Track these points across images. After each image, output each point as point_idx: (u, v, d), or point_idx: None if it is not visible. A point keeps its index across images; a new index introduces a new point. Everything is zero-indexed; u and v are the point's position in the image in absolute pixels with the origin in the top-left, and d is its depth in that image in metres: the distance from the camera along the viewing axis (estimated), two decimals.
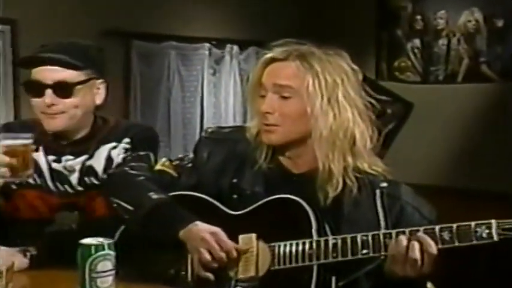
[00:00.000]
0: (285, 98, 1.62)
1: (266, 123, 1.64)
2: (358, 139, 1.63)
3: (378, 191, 1.64)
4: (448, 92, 4.65)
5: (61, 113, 1.94)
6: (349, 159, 1.63)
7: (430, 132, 4.67)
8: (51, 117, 1.94)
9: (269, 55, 1.67)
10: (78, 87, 1.93)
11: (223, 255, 1.56)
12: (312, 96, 1.60)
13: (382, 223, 1.60)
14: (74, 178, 1.98)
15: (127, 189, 1.74)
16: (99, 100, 2.02)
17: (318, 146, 1.62)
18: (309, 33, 1.72)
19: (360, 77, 1.67)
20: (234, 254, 1.57)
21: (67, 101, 1.93)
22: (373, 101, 1.67)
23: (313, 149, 1.64)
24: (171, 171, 1.78)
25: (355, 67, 1.67)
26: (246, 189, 1.69)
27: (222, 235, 1.58)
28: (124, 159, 1.98)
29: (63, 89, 1.91)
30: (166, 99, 4.66)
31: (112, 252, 1.38)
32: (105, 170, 1.98)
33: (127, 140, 2.02)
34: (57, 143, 2.00)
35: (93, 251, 1.36)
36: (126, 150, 2.01)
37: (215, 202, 1.69)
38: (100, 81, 2.02)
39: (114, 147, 2.01)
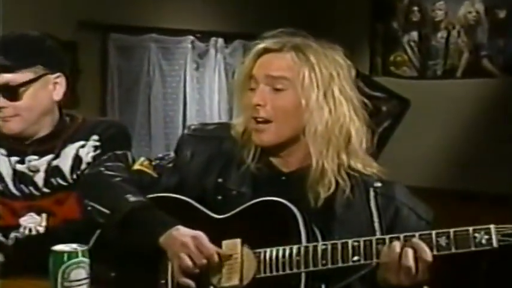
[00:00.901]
0: (277, 90, 1.63)
1: (257, 116, 1.63)
2: (353, 136, 1.64)
3: (371, 191, 1.64)
4: (447, 88, 4.68)
5: (14, 116, 1.93)
6: (344, 157, 1.64)
7: (428, 131, 4.69)
8: (5, 120, 1.94)
9: (262, 45, 1.66)
10: (23, 89, 1.91)
11: (204, 260, 1.55)
12: (307, 89, 1.60)
13: (377, 225, 1.61)
14: (39, 179, 1.98)
15: (102, 191, 1.73)
16: (57, 96, 2.00)
17: (312, 142, 1.62)
18: (298, 25, 1.72)
19: (353, 73, 1.69)
20: (216, 259, 1.56)
21: (17, 104, 1.92)
22: (365, 100, 1.68)
23: (305, 146, 1.64)
24: (150, 171, 1.77)
25: (349, 62, 1.68)
26: (232, 189, 1.68)
27: (204, 239, 1.57)
28: (94, 158, 1.97)
29: (9, 92, 1.90)
30: (146, 95, 4.66)
31: (86, 260, 1.37)
32: (72, 170, 1.98)
33: (95, 137, 2.02)
34: (20, 143, 1.99)
35: (65, 258, 1.35)
36: (96, 148, 2.00)
37: (198, 205, 1.68)
38: (56, 75, 1.99)
39: (83, 146, 2.01)
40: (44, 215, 1.95)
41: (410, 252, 1.45)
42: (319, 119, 1.60)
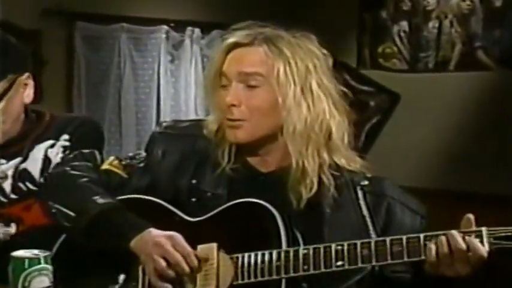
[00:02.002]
0: (252, 87, 1.63)
1: (231, 118, 1.64)
2: (334, 132, 1.65)
3: (359, 191, 1.66)
4: (439, 81, 4.70)
5: None
6: (325, 155, 1.65)
7: (419, 127, 4.71)
8: None
9: (231, 40, 1.66)
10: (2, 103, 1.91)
11: (179, 258, 1.56)
12: (283, 85, 1.61)
13: (370, 225, 1.63)
14: (7, 185, 1.96)
15: (68, 192, 1.73)
16: (28, 99, 1.99)
17: (290, 141, 1.63)
18: (280, 15, 1.73)
19: (331, 62, 1.70)
20: (194, 260, 1.57)
21: None
22: (344, 89, 1.69)
23: (284, 145, 1.65)
24: (119, 171, 1.77)
25: (325, 51, 1.68)
26: (207, 191, 1.69)
27: (180, 239, 1.58)
28: (63, 158, 1.96)
29: None
30: (116, 90, 4.65)
31: (49, 266, 1.37)
32: (42, 172, 1.97)
33: (65, 136, 2.01)
34: None
35: (26, 265, 1.35)
36: (65, 148, 1.99)
37: (170, 207, 1.69)
38: (25, 76, 1.98)
39: (52, 146, 2.00)
40: (13, 225, 1.94)
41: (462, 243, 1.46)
42: (298, 117, 1.61)
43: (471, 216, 1.50)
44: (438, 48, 4.73)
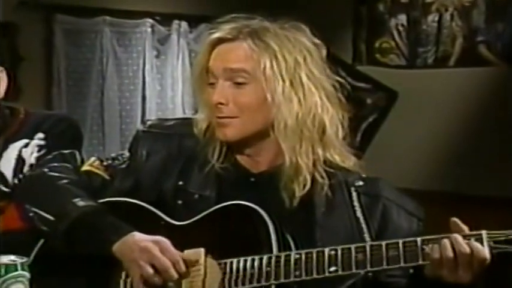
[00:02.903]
0: (239, 84, 1.64)
1: (219, 116, 1.65)
2: (328, 126, 1.65)
3: (353, 192, 1.68)
4: (439, 78, 4.71)
5: None
6: (319, 151, 1.66)
7: (417, 126, 4.72)
8: None
9: (215, 35, 1.67)
10: None
11: (169, 264, 1.56)
12: (271, 81, 1.61)
13: (364, 229, 1.64)
14: None
15: (46, 194, 1.72)
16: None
17: (283, 138, 1.63)
18: (271, 7, 1.74)
19: (324, 52, 1.70)
20: (183, 267, 1.57)
21: None
22: (340, 80, 1.69)
23: (275, 144, 1.66)
24: (101, 172, 1.78)
25: (317, 41, 1.69)
26: (194, 193, 1.69)
27: (167, 244, 1.58)
28: (39, 159, 1.96)
29: None
30: (98, 87, 4.65)
31: (26, 274, 1.37)
32: (15, 173, 1.97)
33: (40, 135, 2.01)
34: None
35: (2, 271, 1.35)
36: (40, 147, 1.99)
37: (155, 210, 1.69)
38: None
39: (26, 145, 2.00)
40: None
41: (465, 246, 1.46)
42: (289, 112, 1.62)
43: (456, 219, 1.51)
44: (438, 43, 4.75)
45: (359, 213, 1.66)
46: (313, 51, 1.67)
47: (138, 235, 1.60)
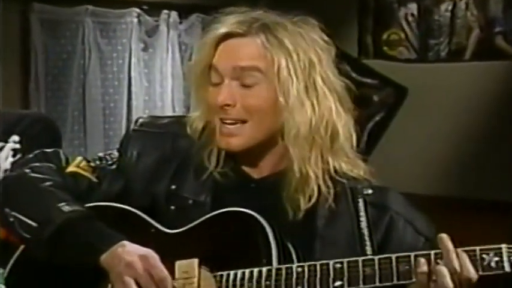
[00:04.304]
0: (248, 85, 1.64)
1: (225, 117, 1.65)
2: (341, 133, 1.66)
3: (360, 200, 1.68)
4: (453, 72, 4.72)
5: None
6: (330, 160, 1.67)
7: (428, 125, 4.73)
8: None
9: (221, 30, 1.66)
10: None
11: (151, 284, 1.56)
12: (285, 82, 1.61)
13: (367, 241, 1.65)
14: None
15: (28, 198, 1.72)
16: None
17: (293, 146, 1.64)
18: None
19: (333, 51, 1.71)
20: (169, 286, 1.57)
21: None
22: (346, 81, 1.70)
23: (282, 149, 1.66)
24: (88, 174, 1.78)
25: (327, 39, 1.69)
26: (188, 198, 1.70)
27: (155, 260, 1.58)
28: (13, 164, 1.96)
29: None
30: (80, 82, 4.65)
31: (1, 286, 1.37)
32: None
33: (15, 137, 2.01)
34: None
35: None
36: (15, 151, 2.00)
37: (145, 216, 1.70)
38: None
39: (0, 149, 2.00)
40: None
41: (444, 270, 1.47)
42: (302, 119, 1.62)
43: (443, 235, 1.50)
44: (452, 34, 4.76)
45: (363, 224, 1.66)
46: (326, 50, 1.67)
47: (128, 246, 1.60)
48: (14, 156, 2.01)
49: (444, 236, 1.50)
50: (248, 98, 1.64)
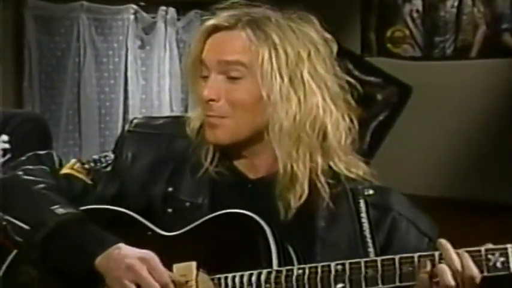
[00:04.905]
0: (233, 79, 1.65)
1: (210, 114, 1.67)
2: (330, 132, 1.66)
3: (361, 201, 1.69)
4: (459, 70, 4.72)
5: None
6: (318, 159, 1.66)
7: (434, 125, 4.72)
8: None
9: (210, 22, 1.68)
10: None
11: (155, 286, 1.57)
12: (267, 76, 1.62)
13: (369, 243, 1.66)
14: None
15: (21, 201, 1.73)
16: None
17: (277, 142, 1.65)
18: None
19: (334, 49, 1.71)
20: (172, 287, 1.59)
21: None
22: (351, 80, 1.70)
23: (273, 147, 1.67)
24: (83, 176, 1.79)
25: (327, 35, 1.70)
26: (185, 200, 1.71)
27: (156, 262, 1.59)
28: (3, 164, 1.96)
29: None
30: (74, 81, 4.65)
31: None
32: None
33: (4, 137, 2.01)
34: None
35: None
36: (5, 152, 2.00)
37: (141, 219, 1.71)
38: None
39: None
40: None
41: (444, 266, 1.48)
42: (285, 113, 1.62)
43: (442, 240, 1.52)
44: (457, 31, 4.76)
45: (365, 226, 1.67)
46: (321, 46, 1.67)
47: (124, 248, 1.61)
48: (3, 156, 2.01)
49: (443, 240, 1.52)
50: (233, 93, 1.65)
